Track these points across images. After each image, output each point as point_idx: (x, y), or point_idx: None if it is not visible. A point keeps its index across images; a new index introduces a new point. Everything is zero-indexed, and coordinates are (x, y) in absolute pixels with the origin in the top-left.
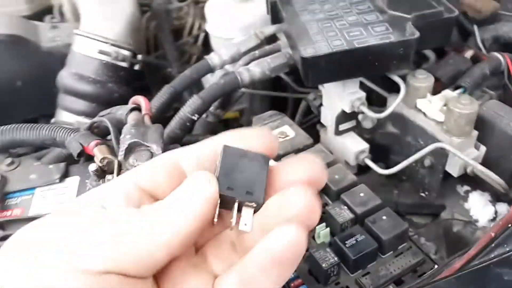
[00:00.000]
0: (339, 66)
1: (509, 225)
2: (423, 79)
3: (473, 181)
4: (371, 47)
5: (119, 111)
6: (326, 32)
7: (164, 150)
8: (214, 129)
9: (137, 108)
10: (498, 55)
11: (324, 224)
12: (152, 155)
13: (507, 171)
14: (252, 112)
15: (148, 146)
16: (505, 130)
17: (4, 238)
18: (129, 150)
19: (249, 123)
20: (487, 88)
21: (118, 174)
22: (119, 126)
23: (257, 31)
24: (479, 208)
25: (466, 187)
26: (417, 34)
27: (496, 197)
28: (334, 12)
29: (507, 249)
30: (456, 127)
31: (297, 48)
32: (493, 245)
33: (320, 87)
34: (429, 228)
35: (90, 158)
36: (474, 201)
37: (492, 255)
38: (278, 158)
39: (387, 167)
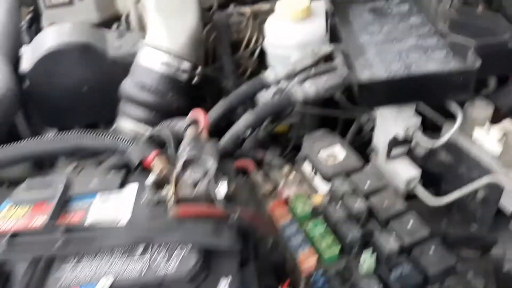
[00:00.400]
0: (396, 91)
1: None
2: (481, 108)
3: None
4: (430, 74)
5: (179, 123)
6: (384, 54)
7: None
8: (262, 144)
9: (195, 122)
10: None
11: (370, 251)
12: (207, 171)
13: None
14: (302, 127)
15: (204, 161)
16: None
17: (66, 242)
18: (187, 164)
19: (298, 138)
20: None
21: (175, 186)
22: (177, 138)
23: (314, 49)
24: None
25: None
26: (479, 63)
27: None
28: (393, 34)
29: None
30: None
31: (354, 69)
32: None
33: (374, 109)
34: (478, 262)
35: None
36: None
37: None
38: (328, 178)
39: (437, 195)
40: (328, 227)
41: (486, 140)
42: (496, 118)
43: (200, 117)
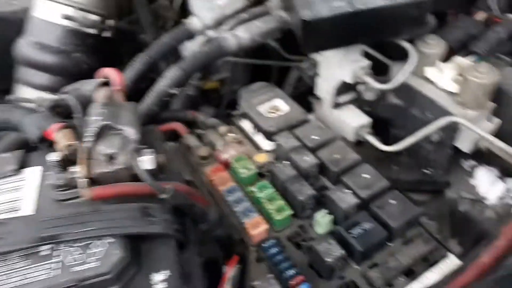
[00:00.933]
0: (343, 30)
1: None
2: (434, 45)
3: (479, 156)
4: (380, 9)
5: (86, 86)
6: None
7: (141, 131)
8: (193, 103)
9: (107, 83)
10: None
11: (324, 210)
12: (126, 140)
13: None
14: (234, 82)
15: (121, 130)
16: None
17: None
18: (99, 134)
19: (231, 94)
20: (501, 54)
21: (86, 164)
22: (86, 104)
23: None
24: (487, 184)
25: (471, 162)
26: None
27: (505, 173)
28: None
29: None
30: (472, 98)
31: (294, 10)
32: None
33: (316, 55)
34: (430, 206)
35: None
36: (482, 177)
37: None
38: (270, 135)
39: (386, 142)
40: (276, 189)
41: (440, 78)
42: (445, 57)
43: (113, 76)
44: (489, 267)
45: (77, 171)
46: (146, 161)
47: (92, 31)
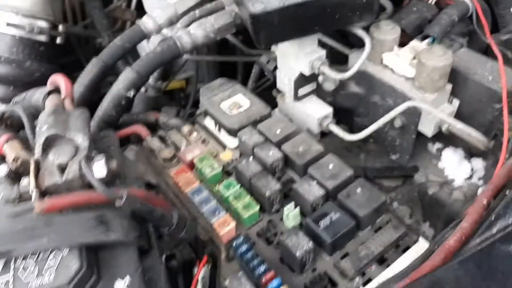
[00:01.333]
0: (293, 21)
1: (506, 192)
2: (389, 31)
3: (444, 138)
4: None
5: (35, 95)
6: None
7: (96, 138)
8: (156, 103)
9: (57, 90)
10: None
11: (292, 204)
12: (77, 149)
13: (483, 125)
14: (199, 80)
15: (71, 138)
16: (480, 81)
17: None
18: (48, 144)
19: (196, 92)
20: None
21: (36, 176)
22: (36, 114)
23: None
24: (454, 166)
25: (438, 145)
26: None
27: (470, 153)
28: None
29: (510, 221)
30: (429, 81)
31: (243, 4)
32: (492, 218)
33: (273, 48)
34: (400, 191)
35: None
36: (448, 159)
37: (495, 230)
38: (234, 132)
39: (351, 130)
40: (243, 186)
41: (398, 64)
42: (401, 41)
43: (61, 82)
44: (455, 249)
45: (28, 183)
46: (98, 168)
47: (42, 38)
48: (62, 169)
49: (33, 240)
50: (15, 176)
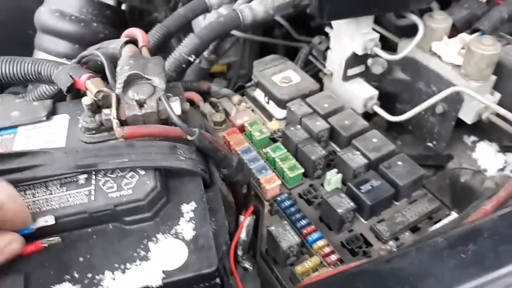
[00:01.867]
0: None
1: None
2: (441, 20)
3: (480, 132)
4: None
5: (112, 44)
6: None
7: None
8: (205, 76)
9: (132, 41)
10: None
11: (335, 170)
12: (154, 89)
13: None
14: (242, 67)
15: (150, 79)
16: None
17: None
18: (128, 82)
19: (237, 78)
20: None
21: (117, 108)
22: (113, 60)
23: None
24: (488, 157)
25: (473, 138)
26: None
27: (504, 147)
28: None
29: None
30: (476, 69)
31: None
32: None
33: (328, 29)
34: (431, 181)
35: (78, 96)
36: (482, 151)
37: None
38: (283, 104)
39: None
40: (289, 151)
41: (446, 52)
42: (450, 35)
43: (138, 34)
44: (490, 214)
45: (109, 113)
46: (174, 107)
47: (111, 2)
48: (141, 104)
49: (115, 158)
50: (96, 108)
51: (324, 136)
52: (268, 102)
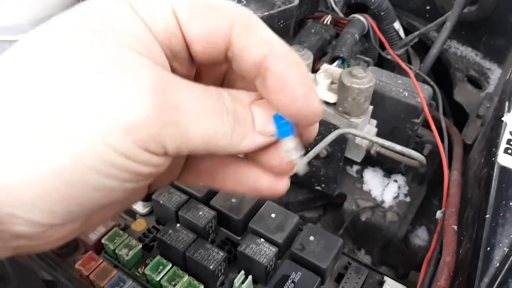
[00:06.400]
0: None
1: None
2: (302, 56)
3: (362, 160)
4: None
5: None
6: None
7: None
8: None
9: None
10: (360, 17)
11: (242, 272)
12: None
13: (404, 141)
14: None
15: None
16: (397, 97)
17: None
18: None
19: None
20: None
21: None
22: None
23: None
24: (379, 187)
25: (356, 167)
26: (296, 1)
27: (387, 169)
28: None
29: None
30: (355, 106)
31: None
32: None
33: None
34: (324, 221)
35: None
36: (371, 180)
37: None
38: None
39: None
40: (173, 263)
41: (318, 91)
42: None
43: None
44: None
45: None
46: None
47: None
48: None
49: None
50: None
51: (213, 226)
52: None
